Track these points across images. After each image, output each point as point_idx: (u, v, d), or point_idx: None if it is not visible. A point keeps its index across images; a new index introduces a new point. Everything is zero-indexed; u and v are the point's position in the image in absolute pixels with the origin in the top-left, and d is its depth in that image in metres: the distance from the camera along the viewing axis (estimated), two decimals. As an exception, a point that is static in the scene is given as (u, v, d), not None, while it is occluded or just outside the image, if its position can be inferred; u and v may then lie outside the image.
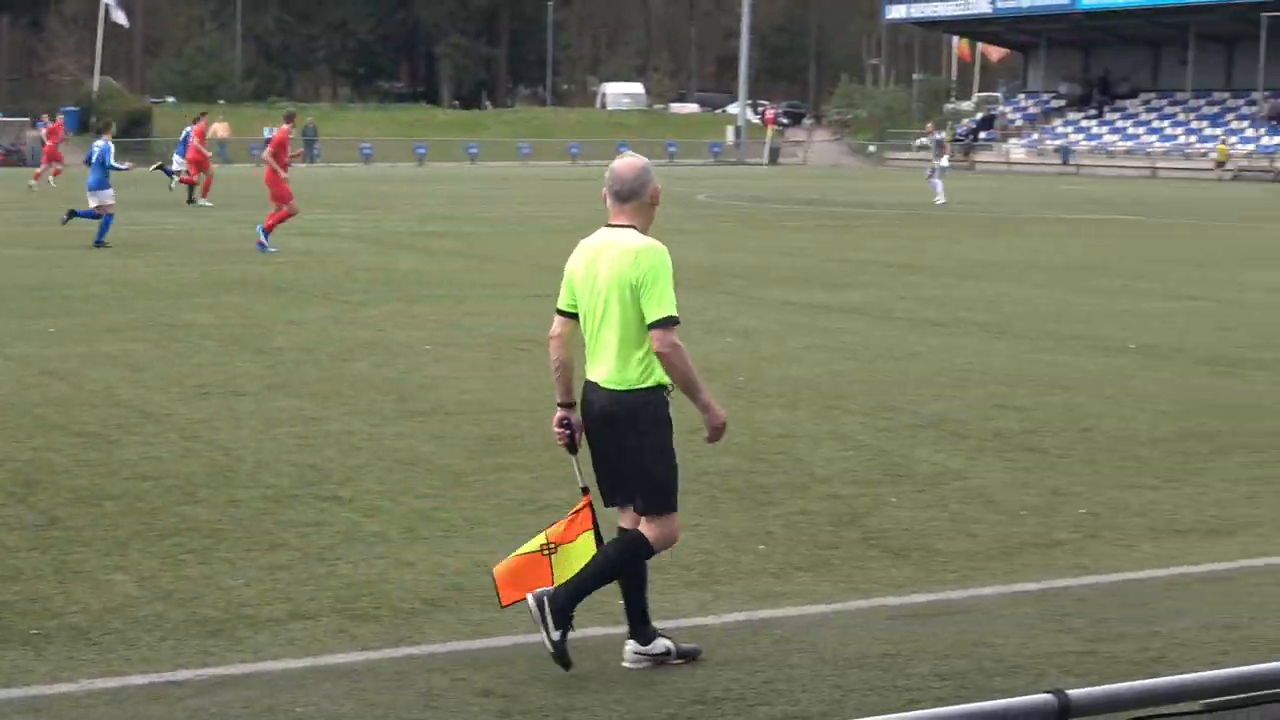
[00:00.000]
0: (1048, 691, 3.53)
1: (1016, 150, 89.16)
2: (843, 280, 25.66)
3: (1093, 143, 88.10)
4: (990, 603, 8.67)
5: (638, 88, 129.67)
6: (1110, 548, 9.80)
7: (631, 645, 7.69)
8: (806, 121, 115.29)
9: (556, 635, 7.42)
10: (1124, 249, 33.01)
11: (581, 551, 7.63)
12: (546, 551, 7.66)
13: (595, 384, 7.61)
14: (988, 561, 9.45)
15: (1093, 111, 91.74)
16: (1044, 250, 32.32)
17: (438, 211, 43.60)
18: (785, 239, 34.87)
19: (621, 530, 7.75)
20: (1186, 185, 69.72)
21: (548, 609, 7.42)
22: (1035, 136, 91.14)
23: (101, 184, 31.34)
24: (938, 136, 52.75)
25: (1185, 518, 10.54)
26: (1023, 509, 10.70)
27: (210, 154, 46.38)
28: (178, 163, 46.49)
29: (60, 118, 62.87)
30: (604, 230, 7.72)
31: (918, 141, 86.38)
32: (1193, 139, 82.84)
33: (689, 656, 7.68)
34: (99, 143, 32.03)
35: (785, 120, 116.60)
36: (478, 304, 21.88)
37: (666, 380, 7.56)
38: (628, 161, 7.73)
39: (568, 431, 7.90)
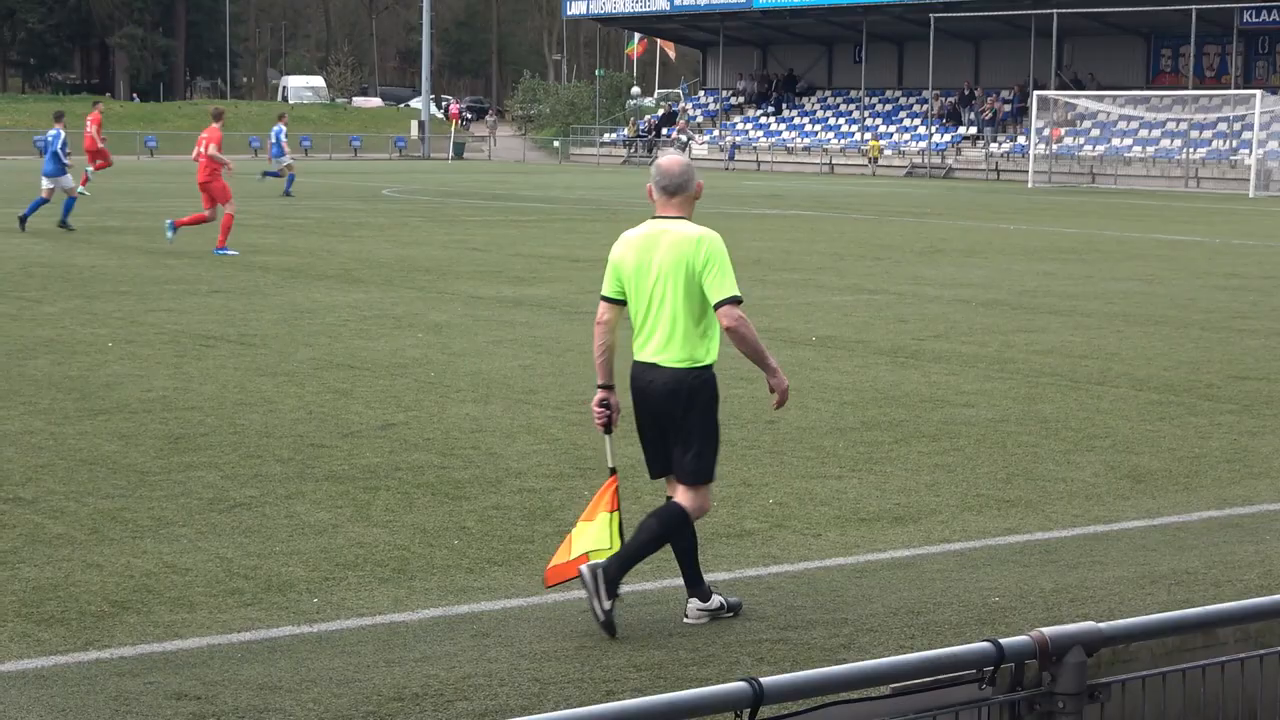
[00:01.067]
0: (741, 679, 3.58)
1: (698, 147, 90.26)
2: (530, 275, 25.72)
3: (772, 139, 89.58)
4: (682, 593, 8.74)
5: (319, 81, 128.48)
6: (799, 537, 9.98)
7: (694, 603, 8.24)
8: (489, 118, 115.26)
9: (607, 604, 7.93)
10: (805, 243, 33.62)
11: (598, 529, 8.25)
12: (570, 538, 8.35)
13: (654, 364, 8.26)
14: (680, 552, 9.54)
15: (771, 109, 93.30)
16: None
17: (117, 206, 42.58)
18: (472, 234, 34.81)
19: (669, 499, 8.34)
20: (863, 181, 71.34)
21: (600, 579, 7.94)
22: (715, 133, 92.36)
23: None
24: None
25: (870, 506, 10.79)
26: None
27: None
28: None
29: None
30: (653, 221, 8.41)
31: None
32: (868, 136, 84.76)
33: (737, 610, 8.28)
34: None
35: (470, 115, 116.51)
36: (161, 300, 21.44)
37: (715, 359, 8.26)
38: (674, 159, 8.46)
39: (608, 412, 8.51)
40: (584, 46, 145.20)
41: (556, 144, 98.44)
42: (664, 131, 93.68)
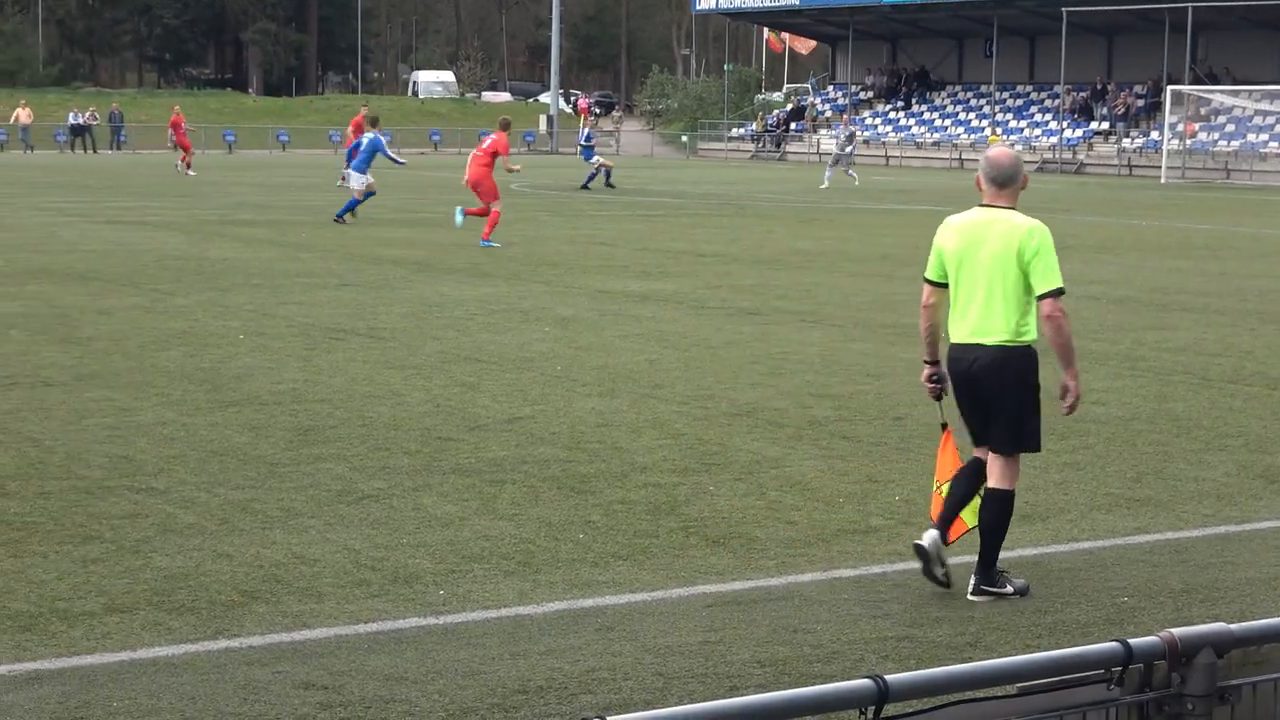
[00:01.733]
0: (866, 677, 3.56)
1: (826, 141, 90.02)
2: (657, 269, 25.75)
3: (901, 134, 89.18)
4: (808, 589, 8.75)
5: (449, 76, 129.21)
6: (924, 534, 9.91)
7: (974, 582, 8.68)
8: (616, 113, 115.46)
9: (941, 572, 8.65)
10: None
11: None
12: (940, 491, 9.00)
13: (976, 344, 8.64)
14: (805, 548, 9.55)
15: (900, 103, 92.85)
16: (854, 240, 32.67)
17: (250, 200, 43.09)
18: (599, 228, 34.92)
19: (974, 459, 8.88)
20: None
21: (941, 552, 8.65)
22: (843, 127, 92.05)
23: None
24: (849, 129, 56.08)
25: (997, 504, 10.70)
26: (839, 496, 10.82)
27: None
28: None
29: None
30: (981, 210, 8.79)
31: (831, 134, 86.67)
32: (999, 131, 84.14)
33: (1023, 593, 8.65)
34: None
35: (598, 110, 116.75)
36: (291, 293, 21.67)
37: (1036, 338, 8.64)
38: (1002, 151, 8.90)
39: (939, 385, 9.02)
40: (713, 41, 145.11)
41: (684, 139, 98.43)
42: (792, 126, 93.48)
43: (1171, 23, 74.56)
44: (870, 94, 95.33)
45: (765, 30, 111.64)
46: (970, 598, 8.62)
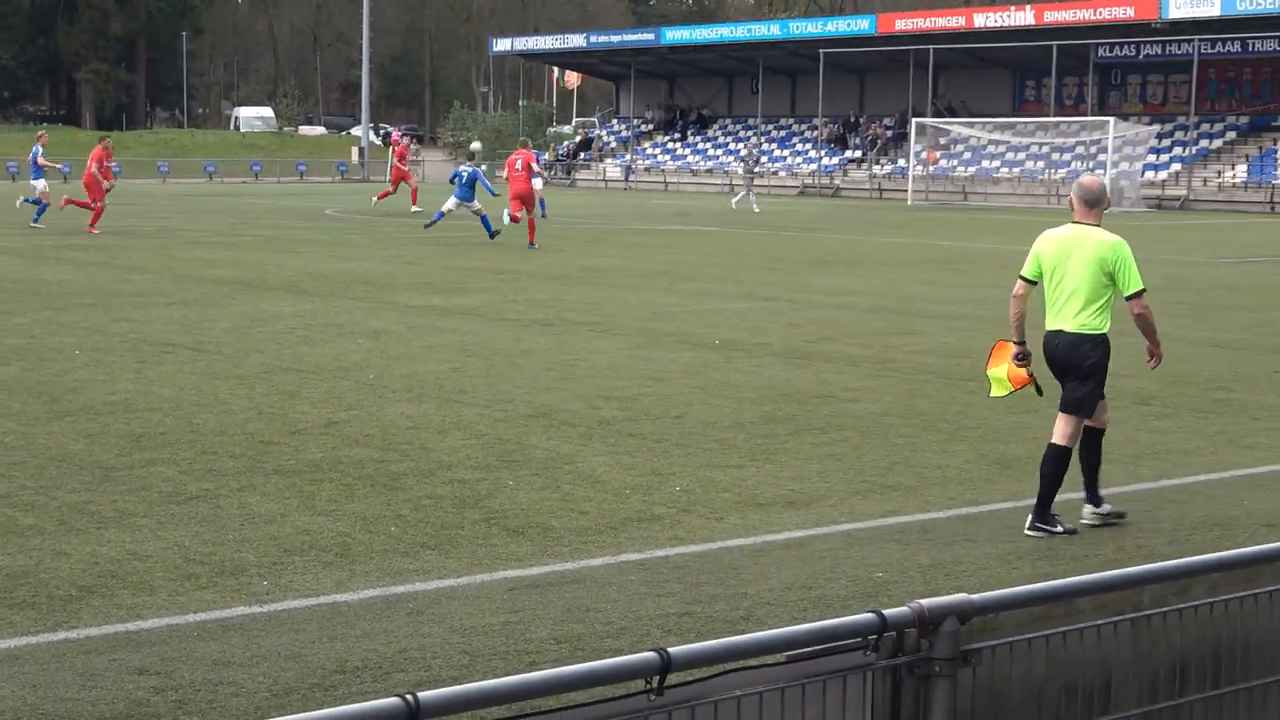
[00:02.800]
0: (651, 649, 3.57)
1: (612, 169, 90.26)
2: (460, 286, 25.62)
3: (678, 163, 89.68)
4: (599, 573, 8.76)
5: (268, 111, 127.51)
6: (703, 520, 9.99)
7: (1088, 509, 10.02)
8: (413, 146, 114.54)
9: (1029, 525, 9.82)
10: (707, 256, 33.66)
11: (998, 382, 10.65)
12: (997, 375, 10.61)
13: (1061, 330, 9.92)
14: (596, 535, 9.55)
15: (677, 135, 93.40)
16: (637, 258, 32.77)
17: (81, 225, 42.05)
18: (407, 250, 34.63)
19: (1084, 428, 10.04)
20: (760, 201, 71.43)
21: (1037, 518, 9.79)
22: (628, 157, 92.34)
23: None
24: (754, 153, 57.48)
25: (767, 492, 10.81)
26: (626, 488, 10.84)
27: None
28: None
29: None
30: (1074, 225, 10.09)
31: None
32: (765, 160, 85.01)
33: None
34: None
35: (407, 140, 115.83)
36: (123, 311, 21.20)
37: (1108, 330, 9.89)
38: (1093, 179, 10.21)
39: (1027, 359, 10.32)
40: (509, 79, 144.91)
41: (484, 168, 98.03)
42: (581, 155, 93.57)
43: (915, 63, 75.99)
44: (650, 126, 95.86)
45: (556, 70, 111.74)
46: (1026, 533, 9.71)
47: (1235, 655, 4.48)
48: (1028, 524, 9.76)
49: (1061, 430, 9.94)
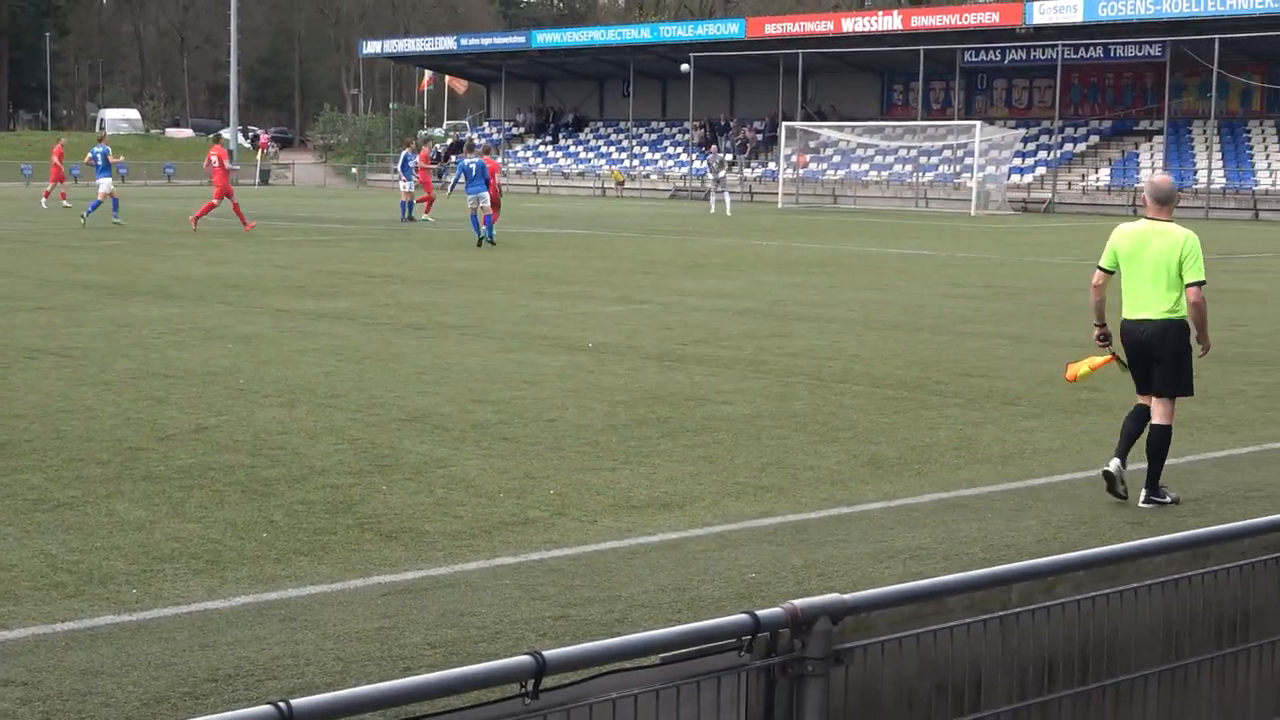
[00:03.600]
0: (526, 653, 3.57)
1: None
2: (332, 290, 25.44)
3: (550, 165, 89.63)
4: (473, 577, 8.73)
5: (134, 114, 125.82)
6: (577, 523, 9.99)
7: (1145, 494, 10.73)
8: (271, 148, 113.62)
9: (1121, 489, 10.75)
10: (580, 259, 33.67)
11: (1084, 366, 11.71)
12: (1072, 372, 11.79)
13: (1144, 319, 10.77)
14: (471, 540, 9.52)
15: (549, 138, 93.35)
16: (509, 261, 32.70)
17: (-57, 229, 41.34)
18: (278, 253, 34.34)
19: (1138, 405, 11.00)
20: (633, 204, 71.61)
21: (1120, 474, 10.75)
22: (500, 160, 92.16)
23: None
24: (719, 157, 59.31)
25: (640, 494, 10.83)
26: (500, 492, 10.82)
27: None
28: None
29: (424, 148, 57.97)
30: (1147, 221, 10.83)
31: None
32: (636, 163, 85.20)
33: (1177, 501, 10.70)
34: None
35: (275, 145, 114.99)
36: (-14, 316, 20.83)
37: (1184, 315, 10.70)
38: (1164, 178, 10.93)
39: (1107, 340, 11.32)
40: (379, 82, 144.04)
41: (354, 170, 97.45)
42: (452, 158, 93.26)
43: (785, 67, 76.50)
44: (522, 129, 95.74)
45: (428, 72, 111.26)
46: (1141, 505, 10.60)
47: (1102, 652, 4.55)
48: (1142, 498, 10.68)
49: (1161, 411, 10.81)
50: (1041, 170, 71.38)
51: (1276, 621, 4.96)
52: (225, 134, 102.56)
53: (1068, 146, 72.40)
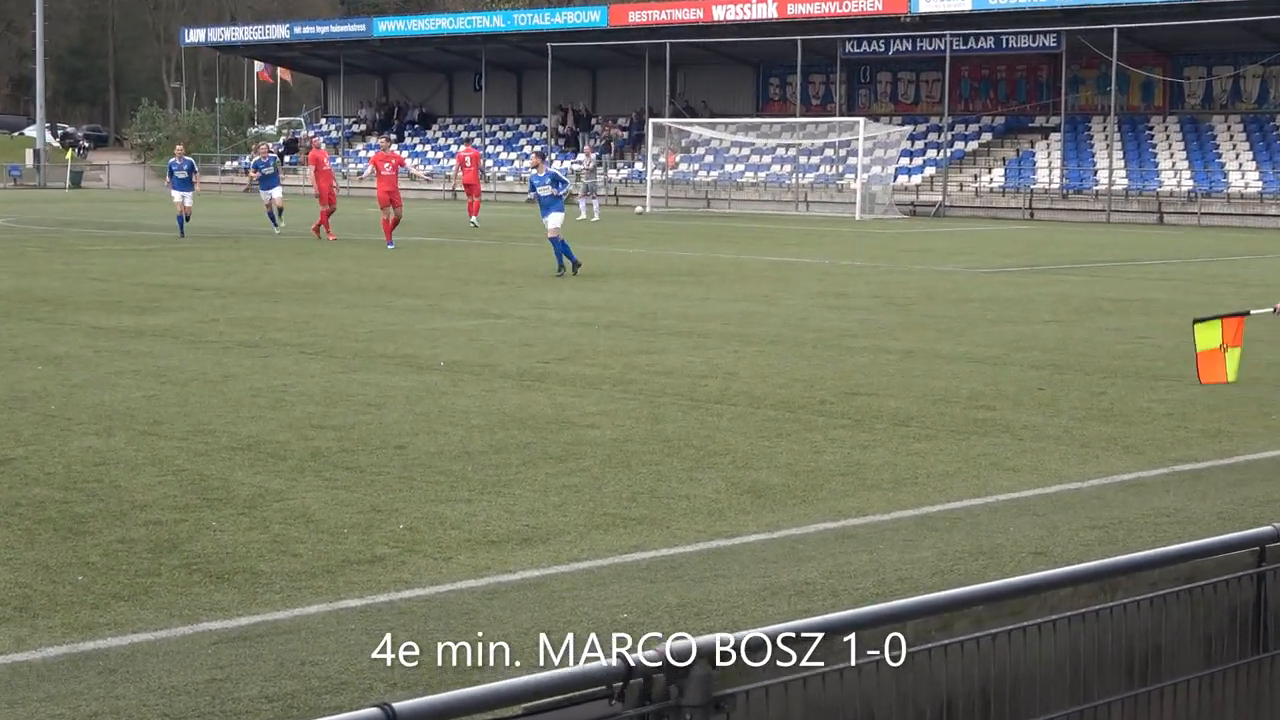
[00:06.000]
0: (374, 705, 3.54)
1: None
2: (153, 304, 25.16)
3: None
4: (316, 621, 8.66)
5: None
6: (430, 561, 9.95)
7: None
8: (81, 146, 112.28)
9: None
10: (429, 269, 33.55)
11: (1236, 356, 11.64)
12: (1222, 349, 11.44)
13: None
14: (311, 580, 9.45)
15: (394, 135, 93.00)
16: (351, 271, 32.53)
17: None
18: (92, 263, 33.91)
19: None
20: (485, 208, 71.42)
21: None
22: (339, 160, 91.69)
23: None
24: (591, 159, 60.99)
25: (500, 528, 10.80)
26: (344, 527, 10.75)
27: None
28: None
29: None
30: None
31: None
32: (489, 163, 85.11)
33: None
34: None
35: (87, 144, 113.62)
36: None
37: None
38: None
39: None
40: (203, 74, 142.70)
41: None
42: (286, 159, 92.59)
43: (651, 59, 76.73)
44: (363, 126, 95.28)
45: (257, 64, 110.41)
46: None
47: (1004, 692, 4.60)
48: None
49: None
50: (930, 170, 72.25)
51: (1190, 657, 5.04)
52: (31, 132, 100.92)
53: (958, 145, 73.35)
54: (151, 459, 12.90)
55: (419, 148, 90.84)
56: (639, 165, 78.16)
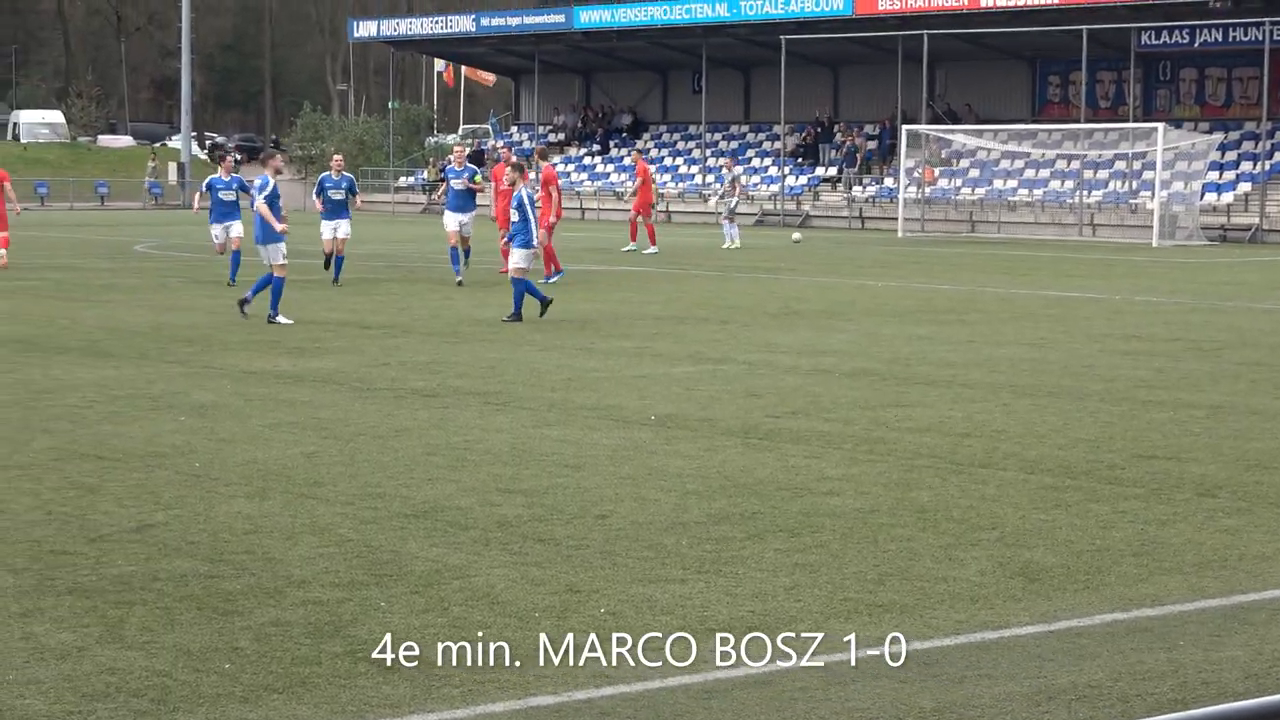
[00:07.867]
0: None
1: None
2: (313, 345, 25.56)
3: (598, 182, 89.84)
4: (500, 721, 8.73)
5: (57, 116, 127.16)
6: (636, 651, 9.96)
7: None
8: (231, 160, 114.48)
9: None
10: (637, 304, 33.70)
11: None
12: None
13: None
14: (496, 673, 9.51)
15: (596, 146, 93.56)
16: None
17: None
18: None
19: None
20: (702, 231, 71.66)
21: None
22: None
23: None
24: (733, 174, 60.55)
25: (719, 613, 10.80)
26: (535, 609, 10.81)
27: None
28: None
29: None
30: None
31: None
32: (710, 178, 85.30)
33: None
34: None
35: (239, 156, 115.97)
36: None
37: None
38: None
39: None
40: (374, 75, 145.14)
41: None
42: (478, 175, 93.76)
43: (905, 54, 76.40)
44: (561, 135, 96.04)
45: (437, 62, 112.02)
46: None
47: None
48: None
49: None
50: (1245, 187, 71.08)
51: None
52: (175, 142, 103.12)
53: (1278, 156, 72.11)
54: (311, 527, 13.09)
55: (626, 161, 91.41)
56: (890, 181, 77.90)
